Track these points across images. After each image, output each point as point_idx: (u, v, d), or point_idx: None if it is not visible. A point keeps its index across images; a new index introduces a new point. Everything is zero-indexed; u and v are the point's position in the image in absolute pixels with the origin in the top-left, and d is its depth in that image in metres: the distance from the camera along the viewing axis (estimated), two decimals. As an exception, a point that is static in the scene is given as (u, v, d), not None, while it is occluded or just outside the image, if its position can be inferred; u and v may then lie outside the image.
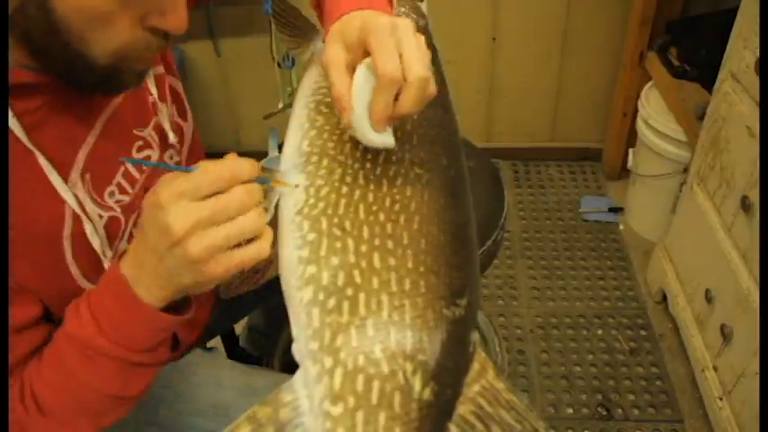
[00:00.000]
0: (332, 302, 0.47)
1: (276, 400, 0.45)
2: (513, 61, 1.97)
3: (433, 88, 0.51)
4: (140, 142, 0.69)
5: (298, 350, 0.47)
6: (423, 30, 0.70)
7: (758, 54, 1.15)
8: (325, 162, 0.55)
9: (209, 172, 0.49)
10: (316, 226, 0.51)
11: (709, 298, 1.37)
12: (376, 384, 0.44)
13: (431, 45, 0.71)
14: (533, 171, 2.17)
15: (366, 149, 0.55)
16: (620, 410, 1.47)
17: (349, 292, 0.47)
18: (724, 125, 1.30)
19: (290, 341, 0.97)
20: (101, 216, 0.64)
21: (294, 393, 0.46)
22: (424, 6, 0.75)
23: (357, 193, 0.53)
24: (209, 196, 0.48)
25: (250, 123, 2.12)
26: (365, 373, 0.45)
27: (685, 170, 1.55)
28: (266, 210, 0.55)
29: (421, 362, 0.45)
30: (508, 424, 0.45)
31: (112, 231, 0.65)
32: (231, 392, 0.78)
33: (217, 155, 0.57)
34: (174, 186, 0.48)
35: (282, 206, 0.54)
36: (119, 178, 0.66)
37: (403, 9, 0.71)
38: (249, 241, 0.50)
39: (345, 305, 0.47)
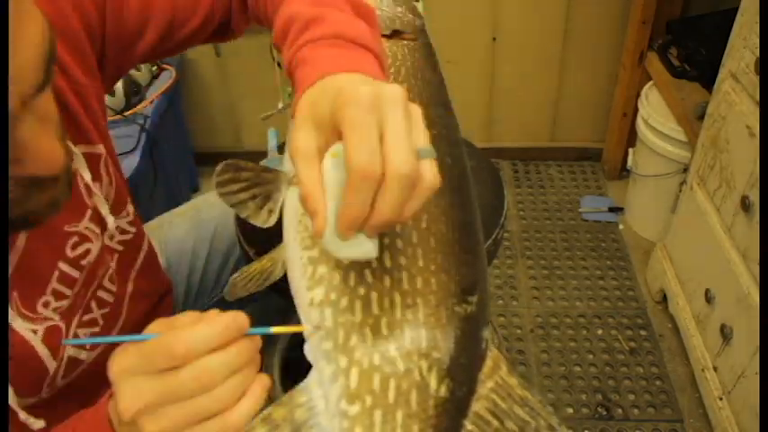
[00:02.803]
0: (344, 302, 0.47)
1: (291, 401, 0.45)
2: (513, 61, 1.97)
3: (428, 183, 0.40)
4: (75, 238, 0.63)
5: (310, 350, 0.47)
6: (419, 29, 0.70)
7: (758, 54, 1.15)
8: None
9: (162, 347, 0.42)
10: None
11: (709, 298, 1.37)
12: (392, 383, 0.44)
13: (427, 44, 0.71)
14: (533, 171, 2.17)
15: None
16: (620, 410, 1.47)
17: (361, 291, 0.47)
18: (724, 125, 1.30)
19: (289, 341, 0.97)
20: (35, 331, 0.59)
21: (309, 394, 0.46)
22: (420, 6, 0.75)
23: None
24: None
25: (250, 123, 2.11)
26: (381, 372, 0.44)
27: (685, 170, 1.55)
28: (272, 211, 0.55)
29: (436, 359, 0.45)
30: (522, 419, 0.46)
31: (54, 342, 0.61)
32: None
33: (217, 155, 0.56)
34: (123, 360, 0.43)
35: (288, 207, 0.54)
36: (54, 284, 0.61)
37: (399, 9, 0.71)
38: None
39: (358, 304, 0.47)
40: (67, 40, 0.60)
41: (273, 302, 1.07)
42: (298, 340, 0.49)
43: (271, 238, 0.56)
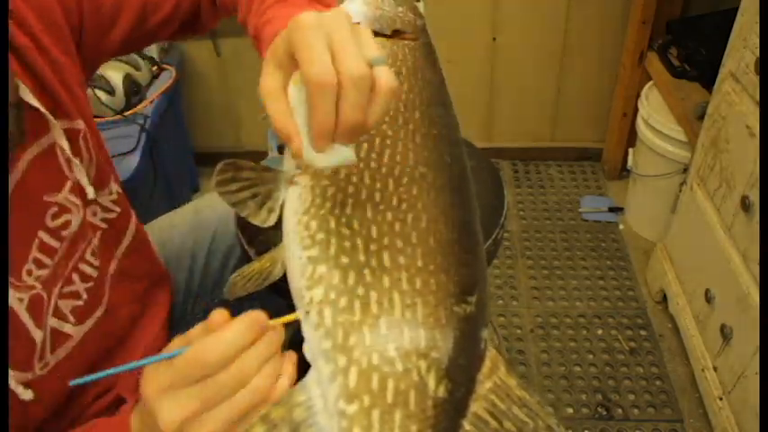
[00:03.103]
0: (343, 301, 0.47)
1: (290, 401, 0.45)
2: (513, 61, 1.97)
3: (385, 86, 0.43)
4: (54, 208, 0.64)
5: (309, 350, 0.47)
6: (420, 29, 0.71)
7: (758, 54, 1.15)
8: None
9: (196, 359, 0.43)
10: (324, 225, 0.51)
11: (709, 298, 1.37)
12: (391, 383, 0.44)
13: (427, 44, 0.71)
14: (533, 171, 2.17)
15: (371, 149, 0.55)
16: (620, 410, 1.47)
17: (360, 291, 0.47)
18: (724, 125, 1.30)
19: (289, 342, 0.97)
20: (21, 300, 0.60)
21: (307, 393, 0.46)
22: (421, 6, 0.75)
23: (364, 192, 0.53)
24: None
25: (250, 123, 2.12)
26: (380, 372, 0.45)
27: (685, 170, 1.56)
28: (272, 210, 0.55)
29: (434, 359, 0.45)
30: (521, 420, 0.46)
31: (36, 311, 0.62)
32: None
33: (217, 155, 0.56)
34: (158, 379, 0.44)
35: (288, 206, 0.54)
36: (34, 253, 0.61)
37: (401, 9, 0.71)
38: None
39: (357, 304, 0.47)
40: (46, 22, 0.62)
41: (273, 303, 1.07)
42: (297, 341, 0.49)
43: (271, 238, 0.56)
